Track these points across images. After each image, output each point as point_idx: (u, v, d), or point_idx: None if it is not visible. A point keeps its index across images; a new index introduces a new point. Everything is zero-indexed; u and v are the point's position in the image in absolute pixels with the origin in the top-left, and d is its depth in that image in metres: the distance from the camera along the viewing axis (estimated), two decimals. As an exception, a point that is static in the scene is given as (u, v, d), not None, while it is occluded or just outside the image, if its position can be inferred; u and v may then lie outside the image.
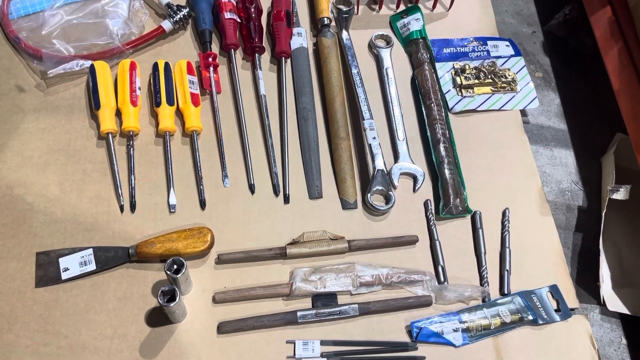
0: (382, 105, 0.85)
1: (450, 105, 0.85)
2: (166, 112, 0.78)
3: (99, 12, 0.84)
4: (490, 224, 0.77)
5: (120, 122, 0.78)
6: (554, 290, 0.72)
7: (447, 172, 0.78)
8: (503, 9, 1.00)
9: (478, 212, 0.77)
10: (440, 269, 0.73)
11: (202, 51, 0.85)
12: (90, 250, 0.69)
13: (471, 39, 0.91)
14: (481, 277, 0.73)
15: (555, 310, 0.71)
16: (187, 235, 0.70)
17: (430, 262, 0.74)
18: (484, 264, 0.73)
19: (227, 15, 0.84)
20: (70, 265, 0.69)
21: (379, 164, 0.77)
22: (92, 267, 0.69)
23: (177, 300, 0.61)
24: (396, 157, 0.80)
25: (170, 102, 0.78)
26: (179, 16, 0.84)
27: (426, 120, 0.82)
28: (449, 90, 0.86)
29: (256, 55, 0.84)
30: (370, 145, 0.78)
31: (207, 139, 0.79)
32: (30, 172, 0.74)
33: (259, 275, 0.71)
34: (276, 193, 0.77)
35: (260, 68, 0.84)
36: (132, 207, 0.73)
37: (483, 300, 0.71)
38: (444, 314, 0.69)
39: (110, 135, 0.76)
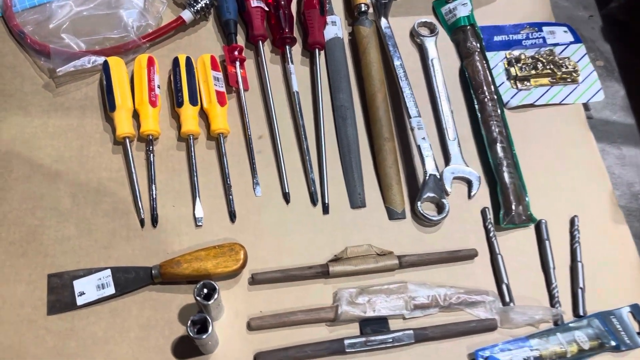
0: (428, 101, 0.76)
1: (504, 100, 0.76)
2: (189, 113, 0.69)
3: (111, 3, 0.75)
4: (557, 234, 0.68)
5: (138, 124, 0.70)
6: (636, 310, 0.63)
7: (506, 175, 0.69)
8: (555, -9, 0.90)
9: (543, 220, 0.68)
10: (504, 287, 0.64)
11: (226, 44, 0.76)
12: (108, 272, 0.61)
13: (525, 25, 0.81)
14: (551, 297, 0.64)
15: (638, 334, 0.62)
16: (217, 253, 0.61)
17: (492, 280, 0.65)
18: (553, 281, 0.64)
19: (254, 3, 0.76)
20: (86, 288, 0.61)
21: (431, 168, 0.68)
22: (111, 290, 0.61)
23: (209, 331, 0.53)
24: (447, 160, 0.71)
25: (193, 101, 0.69)
26: (200, 5, 0.76)
27: (479, 117, 0.73)
28: (503, 83, 0.77)
29: (287, 47, 0.76)
30: (419, 147, 0.69)
31: (235, 142, 0.71)
32: (40, 183, 0.66)
33: (298, 297, 0.63)
34: (314, 202, 0.68)
35: (292, 61, 0.75)
36: (154, 220, 0.65)
37: (555, 324, 0.62)
38: (512, 340, 0.61)
39: (127, 140, 0.68)
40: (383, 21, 0.78)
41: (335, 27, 0.78)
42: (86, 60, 0.71)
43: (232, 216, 0.66)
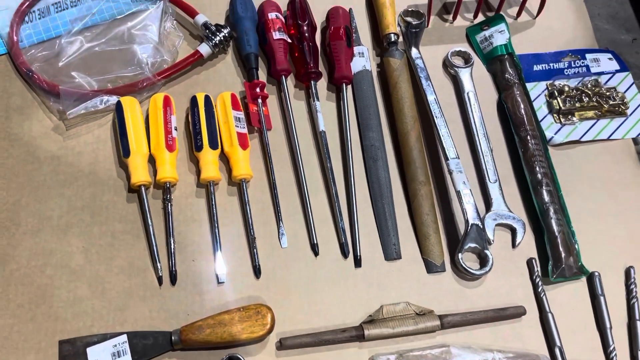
0: (464, 138, 0.70)
1: (547, 136, 0.70)
2: (209, 158, 0.64)
3: (124, 37, 0.71)
4: (612, 288, 0.62)
5: (154, 170, 0.65)
6: None
7: (554, 222, 0.63)
8: (595, 11, 0.84)
9: (596, 273, 0.62)
10: (557, 350, 0.58)
11: (247, 80, 0.71)
12: (125, 337, 0.56)
13: (567, 53, 0.76)
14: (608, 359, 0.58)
15: None
16: (242, 317, 0.56)
17: (543, 341, 0.59)
18: (611, 343, 0.58)
19: (276, 35, 0.70)
20: (101, 356, 0.56)
21: (472, 217, 0.62)
22: (128, 358, 0.55)
23: (237, 413, 0.48)
24: (488, 204, 0.66)
25: (213, 145, 0.64)
26: (218, 38, 0.71)
27: (522, 157, 0.68)
28: (545, 117, 0.71)
29: (312, 82, 0.70)
30: (458, 193, 0.63)
31: (258, 187, 0.66)
32: (50, 237, 0.61)
33: (331, 363, 0.57)
34: (345, 254, 0.63)
35: (318, 98, 0.70)
36: (173, 278, 0.60)
37: (615, 392, 0.57)
38: (568, 412, 0.55)
39: (143, 188, 0.63)
40: (414, 51, 0.73)
41: (363, 59, 0.73)
42: (98, 101, 0.66)
43: (257, 271, 0.61)
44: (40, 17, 0.72)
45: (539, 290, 0.61)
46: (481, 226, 0.63)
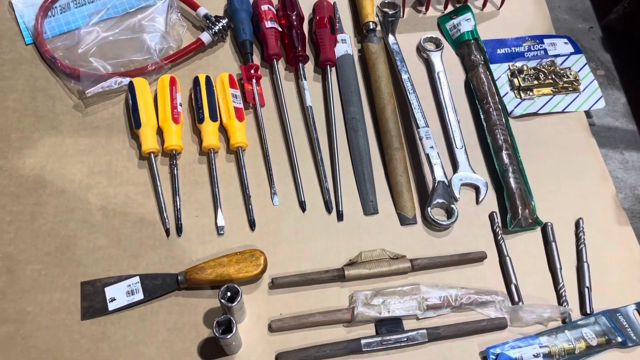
0: (435, 112, 0.80)
1: (509, 109, 0.79)
2: (210, 129, 0.73)
3: (135, 27, 0.81)
4: (563, 237, 0.70)
5: (162, 140, 0.74)
6: (641, 308, 0.66)
7: (512, 181, 0.72)
8: (556, 4, 0.94)
9: (549, 223, 0.71)
10: (513, 287, 0.67)
11: (243, 63, 0.81)
12: (137, 279, 0.65)
13: (527, 38, 0.85)
14: (559, 296, 0.66)
15: (644, 330, 0.64)
16: (239, 259, 0.65)
17: (502, 281, 0.68)
18: (560, 281, 0.67)
19: (268, 24, 0.80)
20: (117, 295, 0.65)
21: (439, 175, 0.71)
22: (140, 296, 0.64)
23: (233, 331, 0.57)
24: (455, 167, 0.75)
25: (213, 118, 0.74)
26: (217, 27, 0.81)
27: (485, 126, 0.77)
28: (507, 93, 0.81)
29: (300, 64, 0.80)
30: (427, 155, 0.72)
31: (252, 155, 0.75)
32: (72, 197, 0.71)
33: (316, 300, 0.66)
34: (329, 210, 0.72)
35: (305, 78, 0.79)
36: (179, 230, 0.69)
37: (563, 322, 0.65)
38: (522, 337, 0.63)
39: (152, 155, 0.72)
40: (390, 38, 0.82)
41: (345, 45, 0.82)
42: (113, 81, 0.76)
43: (252, 224, 0.70)
44: (62, 11, 0.82)
45: (499, 238, 0.70)
46: (447, 183, 0.72)
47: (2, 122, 0.75)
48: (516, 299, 0.66)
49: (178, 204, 0.70)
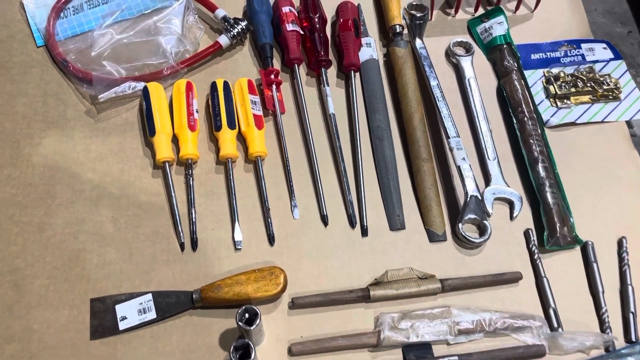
0: (465, 121, 0.75)
1: (544, 119, 0.74)
2: (227, 137, 0.70)
3: (150, 30, 0.77)
4: (605, 257, 0.65)
5: (177, 148, 0.71)
6: (692, 336, 0.60)
7: (549, 196, 0.67)
8: (592, 7, 0.89)
9: (590, 242, 0.66)
10: (551, 312, 0.62)
11: (262, 67, 0.77)
12: (150, 296, 0.61)
13: (563, 43, 0.80)
14: (601, 322, 0.61)
15: (696, 361, 0.59)
16: (257, 277, 0.61)
17: (539, 304, 0.63)
18: (603, 305, 0.62)
19: (290, 27, 0.76)
20: (128, 313, 0.61)
21: (471, 189, 0.67)
22: (152, 315, 0.61)
23: (252, 357, 0.53)
24: (487, 180, 0.70)
25: (231, 125, 0.70)
26: (236, 30, 0.77)
27: (519, 137, 0.72)
28: (542, 101, 0.76)
29: (322, 69, 0.76)
30: (459, 168, 0.68)
31: (272, 164, 0.71)
32: (82, 208, 0.67)
33: (339, 322, 0.62)
34: (352, 224, 0.68)
35: (327, 84, 0.75)
36: (194, 244, 0.65)
37: (607, 350, 0.60)
38: (562, 367, 0.59)
39: (167, 164, 0.69)
40: (418, 42, 0.78)
41: (370, 49, 0.78)
42: (126, 86, 0.72)
43: (271, 239, 0.66)
44: (75, 13, 0.79)
45: (535, 257, 0.65)
46: (480, 198, 0.67)
47: (11, 127, 0.72)
48: (555, 324, 0.61)
49: (193, 216, 0.67)
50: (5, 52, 0.77)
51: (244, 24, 0.77)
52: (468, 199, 0.66)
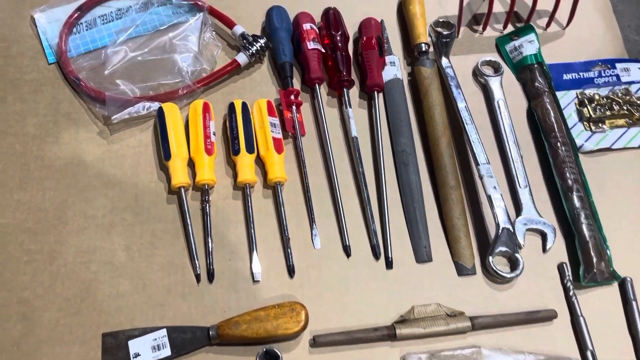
0: (494, 145, 0.71)
1: (578, 143, 0.71)
2: (246, 162, 0.67)
3: (166, 47, 0.74)
4: (645, 294, 0.62)
5: (193, 172, 0.68)
6: None
7: (585, 227, 0.64)
8: (625, 23, 0.85)
9: (628, 278, 0.62)
10: (589, 354, 0.58)
11: (282, 87, 0.74)
12: (164, 331, 0.58)
13: (597, 62, 0.76)
14: (642, 365, 0.58)
15: None
16: (277, 314, 0.58)
17: (575, 345, 0.59)
18: (644, 347, 0.59)
19: (311, 45, 0.73)
20: (142, 349, 0.58)
21: (503, 220, 0.63)
22: (167, 352, 0.58)
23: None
24: (518, 209, 0.67)
25: (250, 149, 0.67)
26: (255, 48, 0.74)
27: (552, 163, 0.68)
28: (575, 125, 0.72)
29: (344, 90, 0.73)
30: (489, 197, 0.64)
31: (292, 190, 0.68)
32: (94, 235, 0.64)
33: (363, 361, 0.59)
34: (376, 256, 0.64)
35: (350, 105, 0.72)
36: (210, 276, 0.62)
37: (649, 397, 0.56)
38: (601, 415, 0.55)
39: (182, 190, 0.66)
40: (444, 60, 0.74)
41: (394, 68, 0.75)
42: (141, 106, 0.69)
43: (291, 271, 0.63)
44: (88, 28, 0.77)
45: (570, 294, 0.61)
46: (512, 230, 0.63)
47: (21, 149, 0.69)
48: (593, 368, 0.58)
49: (210, 245, 0.64)
50: (16, 69, 0.74)
51: (262, 41, 0.74)
52: (499, 231, 0.63)
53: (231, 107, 0.70)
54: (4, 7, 0.78)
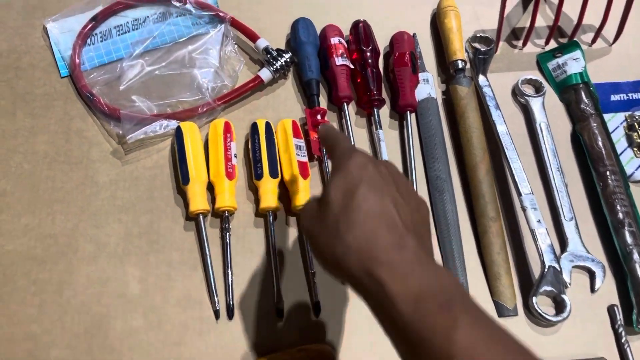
0: (536, 173, 0.66)
1: (627, 172, 0.65)
2: (269, 187, 0.62)
3: (185, 61, 0.70)
4: None
5: (212, 197, 0.63)
6: None
7: (638, 267, 0.58)
8: (674, 39, 0.79)
9: (687, 324, 0.57)
10: (645, 410, 0.53)
11: (308, 106, 0.69)
12: (180, 374, 0.54)
13: (648, 82, 0.71)
14: None
15: None
16: (303, 358, 0.53)
17: (629, 399, 0.54)
18: None
19: (339, 61, 0.68)
20: (156, 393, 0.54)
21: (549, 258, 0.58)
22: (183, 397, 0.53)
23: None
24: (563, 244, 0.61)
25: (274, 174, 0.62)
26: (279, 63, 0.69)
27: (600, 194, 0.63)
28: (624, 151, 0.67)
29: (374, 109, 0.68)
30: (533, 232, 0.59)
31: (318, 218, 0.63)
32: (106, 265, 0.60)
33: (395, 411, 0.54)
34: (409, 293, 0.59)
35: (381, 126, 0.67)
36: (230, 312, 0.58)
37: None
38: None
39: (201, 216, 0.61)
40: (482, 78, 0.69)
41: (428, 86, 0.70)
42: (158, 125, 0.65)
43: (317, 308, 0.58)
44: (102, 39, 0.72)
45: (622, 340, 0.56)
46: (558, 269, 0.58)
47: (30, 168, 0.65)
48: None
49: (230, 278, 0.59)
50: (26, 83, 0.70)
51: (288, 56, 0.69)
52: (545, 270, 0.58)
53: (254, 127, 0.65)
54: (14, 15, 0.74)
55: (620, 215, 0.61)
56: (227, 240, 0.61)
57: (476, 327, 0.33)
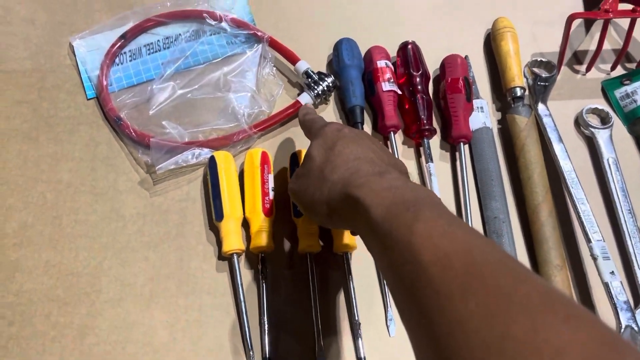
0: (603, 213, 0.60)
1: None
2: (309, 226, 0.56)
3: (219, 84, 0.65)
4: None
5: (246, 234, 0.58)
6: None
7: None
8: None
9: None
10: None
11: (351, 135, 0.63)
12: None
13: None
14: None
15: None
16: None
17: None
18: None
19: (386, 86, 0.63)
20: None
21: (626, 317, 0.52)
22: None
23: None
24: (636, 297, 0.55)
25: (316, 212, 0.57)
26: (321, 87, 0.64)
27: (679, 241, 0.57)
28: (703, 191, 0.60)
29: (424, 140, 0.62)
30: (607, 285, 0.53)
31: (362, 260, 0.58)
32: (132, 308, 0.55)
33: None
34: (465, 348, 0.53)
35: (432, 159, 0.61)
36: (266, 366, 0.53)
37: None
38: None
39: (235, 256, 0.56)
40: (541, 107, 0.63)
41: (483, 115, 0.64)
42: (190, 154, 0.60)
43: (362, 364, 0.53)
44: (132, 59, 0.68)
45: None
46: (637, 329, 0.52)
47: (53, 199, 0.60)
48: None
49: (266, 326, 0.54)
50: (51, 105, 0.65)
51: (330, 80, 0.64)
52: (622, 330, 0.51)
53: (293, 158, 0.60)
54: (39, 32, 0.70)
55: (703, 267, 0.55)
56: (263, 284, 0.55)
57: (437, 219, 0.34)
